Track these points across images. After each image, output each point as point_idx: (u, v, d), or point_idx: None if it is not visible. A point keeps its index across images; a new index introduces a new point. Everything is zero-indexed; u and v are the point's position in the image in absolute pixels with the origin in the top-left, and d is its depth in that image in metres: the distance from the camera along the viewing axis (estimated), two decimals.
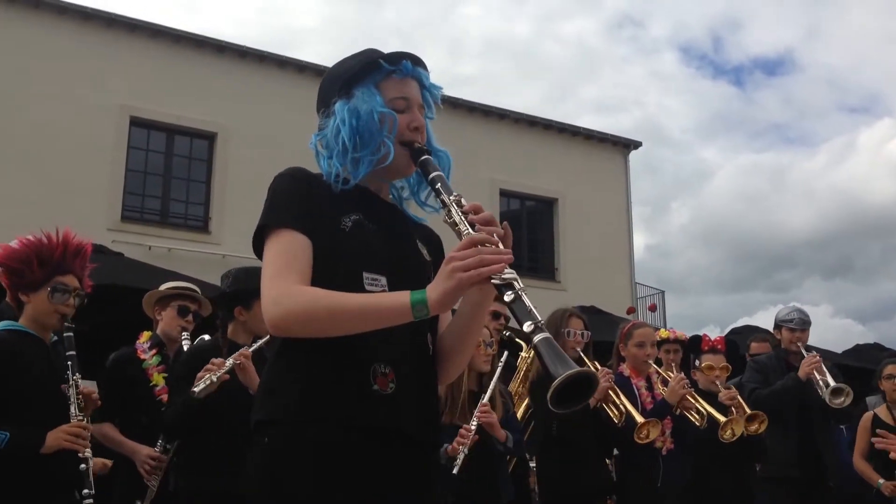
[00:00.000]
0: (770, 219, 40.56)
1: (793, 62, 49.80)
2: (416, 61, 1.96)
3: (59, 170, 12.43)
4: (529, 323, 1.54)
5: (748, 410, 4.67)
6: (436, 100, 2.01)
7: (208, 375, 3.27)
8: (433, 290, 1.62)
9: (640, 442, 4.03)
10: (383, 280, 1.80)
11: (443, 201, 1.78)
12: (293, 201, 1.79)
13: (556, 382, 1.45)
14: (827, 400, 4.76)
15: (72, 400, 3.02)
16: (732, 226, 40.01)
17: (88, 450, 2.99)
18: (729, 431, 4.18)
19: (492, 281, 1.60)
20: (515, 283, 1.59)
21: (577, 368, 1.46)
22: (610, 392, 4.08)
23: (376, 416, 1.72)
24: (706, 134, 49.44)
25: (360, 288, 1.75)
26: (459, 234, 1.71)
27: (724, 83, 52.34)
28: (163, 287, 4.35)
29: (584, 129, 18.12)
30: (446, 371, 1.93)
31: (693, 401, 4.22)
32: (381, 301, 1.68)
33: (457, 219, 1.73)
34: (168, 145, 14.06)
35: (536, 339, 1.53)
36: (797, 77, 50.55)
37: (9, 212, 11.01)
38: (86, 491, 2.95)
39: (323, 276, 1.74)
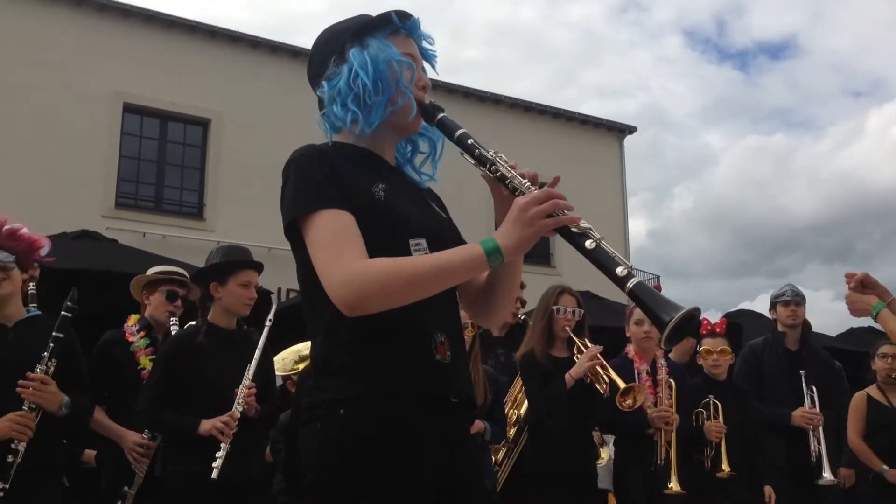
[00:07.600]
0: (773, 204, 40.51)
1: (797, 46, 49.72)
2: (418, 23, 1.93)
3: (52, 157, 12.38)
4: (622, 268, 1.55)
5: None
6: (432, 64, 1.95)
7: (219, 461, 3.31)
8: (507, 238, 1.62)
9: (624, 408, 3.93)
10: (424, 243, 1.74)
11: (482, 156, 1.74)
12: (324, 180, 1.70)
13: (668, 328, 1.49)
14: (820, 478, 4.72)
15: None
16: (735, 211, 39.96)
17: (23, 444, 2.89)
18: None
19: (572, 229, 1.61)
20: (593, 233, 1.60)
21: (684, 309, 1.49)
22: (598, 368, 4.03)
23: (443, 385, 1.73)
24: (710, 118, 49.43)
25: (407, 254, 1.70)
26: (514, 188, 1.70)
27: (729, 67, 52.31)
28: (150, 271, 4.30)
29: (580, 114, 18.11)
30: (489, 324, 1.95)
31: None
32: (454, 257, 1.63)
33: (505, 172, 1.72)
34: (162, 132, 14.00)
35: (630, 284, 1.54)
36: (802, 61, 50.47)
37: (2, 200, 10.97)
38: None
39: (371, 248, 1.66)
